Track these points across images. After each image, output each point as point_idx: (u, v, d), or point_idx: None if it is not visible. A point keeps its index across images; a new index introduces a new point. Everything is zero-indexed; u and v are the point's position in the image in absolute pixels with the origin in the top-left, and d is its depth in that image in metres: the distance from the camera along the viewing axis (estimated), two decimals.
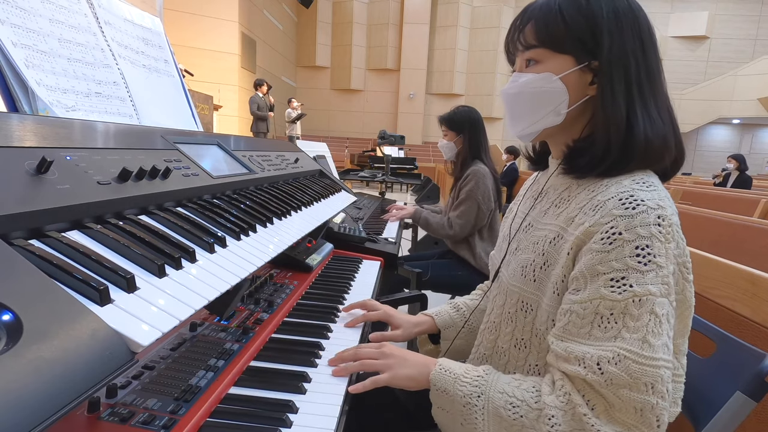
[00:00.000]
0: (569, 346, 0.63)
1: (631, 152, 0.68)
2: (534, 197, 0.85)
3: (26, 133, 0.54)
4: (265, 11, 13.64)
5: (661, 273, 0.60)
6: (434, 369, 0.72)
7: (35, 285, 0.40)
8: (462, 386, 0.69)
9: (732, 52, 16.85)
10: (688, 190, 4.63)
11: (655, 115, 0.69)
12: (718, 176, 8.39)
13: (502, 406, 0.65)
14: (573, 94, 0.72)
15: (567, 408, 0.61)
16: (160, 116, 1.06)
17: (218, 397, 0.62)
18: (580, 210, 0.68)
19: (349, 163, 11.62)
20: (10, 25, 0.73)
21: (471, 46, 16.94)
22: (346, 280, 1.22)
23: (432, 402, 0.72)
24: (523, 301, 0.75)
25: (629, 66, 0.69)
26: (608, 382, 0.59)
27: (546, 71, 0.72)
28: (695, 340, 0.83)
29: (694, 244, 1.37)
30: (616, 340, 0.59)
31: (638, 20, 0.71)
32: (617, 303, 0.60)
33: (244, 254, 0.70)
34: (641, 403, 0.58)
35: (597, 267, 0.62)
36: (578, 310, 0.63)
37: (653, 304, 0.59)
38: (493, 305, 0.85)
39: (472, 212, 2.15)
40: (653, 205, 0.62)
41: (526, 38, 0.74)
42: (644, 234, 0.60)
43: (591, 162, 0.70)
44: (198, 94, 6.99)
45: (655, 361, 0.58)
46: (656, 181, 0.68)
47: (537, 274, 0.73)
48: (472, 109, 2.28)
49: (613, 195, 0.64)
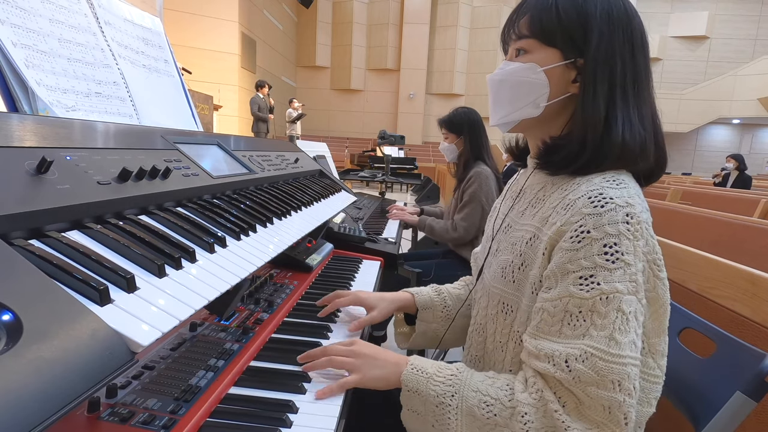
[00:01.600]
0: (540, 343, 0.64)
1: (605, 152, 0.68)
2: (513, 197, 0.86)
3: (26, 133, 0.54)
4: (265, 11, 13.64)
5: (629, 271, 0.61)
6: (406, 369, 0.70)
7: (35, 285, 0.40)
8: (435, 386, 0.67)
9: (732, 52, 16.85)
10: (688, 190, 4.63)
11: (636, 120, 0.70)
12: (718, 176, 8.38)
13: (476, 405, 0.64)
14: (554, 89, 0.73)
15: (539, 405, 0.62)
16: (160, 116, 1.06)
17: (218, 397, 0.62)
18: (553, 209, 0.69)
19: (349, 163, 11.61)
20: (10, 25, 0.73)
21: (471, 46, 16.95)
22: (346, 280, 1.22)
23: (402, 404, 0.69)
24: (503, 303, 0.75)
25: (615, 68, 0.69)
26: (576, 380, 0.59)
27: (532, 62, 0.73)
28: (695, 340, 0.83)
29: (694, 244, 1.37)
30: (584, 338, 0.60)
31: (631, 25, 0.71)
32: (585, 301, 0.61)
33: (244, 254, 0.70)
34: (609, 401, 0.58)
35: (567, 265, 0.63)
36: (549, 308, 0.64)
37: (620, 302, 0.60)
38: (478, 307, 0.85)
39: (477, 214, 2.15)
40: (622, 203, 0.62)
41: (520, 28, 0.75)
42: (612, 232, 0.61)
43: (565, 159, 0.71)
44: (198, 94, 6.99)
45: (622, 359, 0.58)
46: (627, 178, 0.69)
47: (516, 275, 0.73)
48: (471, 110, 2.28)
49: (583, 193, 0.65)
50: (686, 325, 0.86)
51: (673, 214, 2.85)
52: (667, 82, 16.87)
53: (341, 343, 0.78)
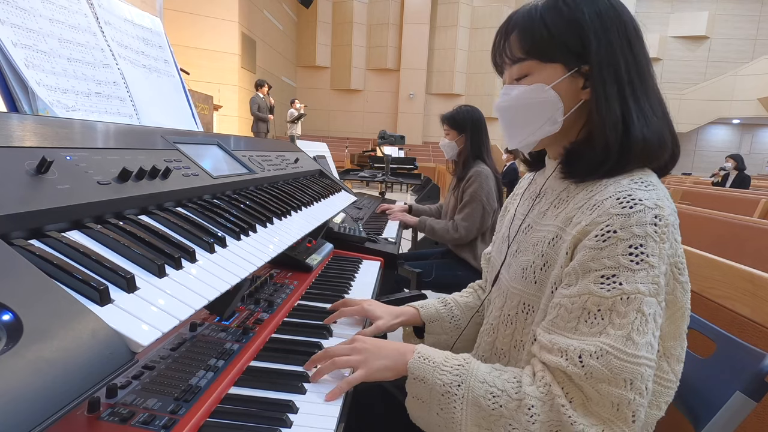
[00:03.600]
0: (554, 338, 0.64)
1: (629, 153, 0.68)
2: (532, 198, 0.85)
3: (26, 133, 0.54)
4: (265, 11, 13.64)
5: (653, 273, 0.60)
6: (412, 357, 0.70)
7: (35, 285, 0.39)
8: (442, 375, 0.67)
9: (732, 52, 16.84)
10: (688, 190, 4.63)
11: (649, 112, 0.70)
12: (717, 175, 8.39)
13: (482, 395, 0.64)
14: (567, 101, 0.72)
15: (546, 399, 0.62)
16: (160, 116, 1.06)
17: (218, 397, 0.62)
18: (578, 210, 0.69)
19: (349, 163, 11.61)
20: (10, 25, 0.73)
21: (471, 46, 16.93)
22: (346, 280, 1.22)
23: (408, 391, 0.70)
24: (524, 303, 0.75)
25: (619, 66, 0.69)
26: (588, 375, 0.59)
27: (537, 82, 0.72)
28: (695, 340, 0.83)
29: (694, 244, 1.37)
30: (601, 336, 0.60)
31: (622, 18, 0.71)
32: (605, 300, 0.61)
33: (244, 254, 0.70)
34: (618, 398, 0.58)
35: (589, 264, 0.63)
36: (567, 304, 0.64)
37: (641, 303, 0.59)
38: (492, 307, 0.85)
39: (477, 214, 2.15)
40: (651, 204, 0.62)
41: (513, 51, 0.74)
42: (639, 233, 0.61)
43: (590, 166, 0.70)
44: (198, 94, 6.98)
45: (637, 359, 0.58)
46: (655, 180, 0.68)
47: (537, 276, 0.73)
48: (474, 109, 2.28)
49: (611, 194, 0.65)
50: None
51: None
52: (667, 82, 16.86)
53: (343, 343, 0.77)
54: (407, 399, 0.70)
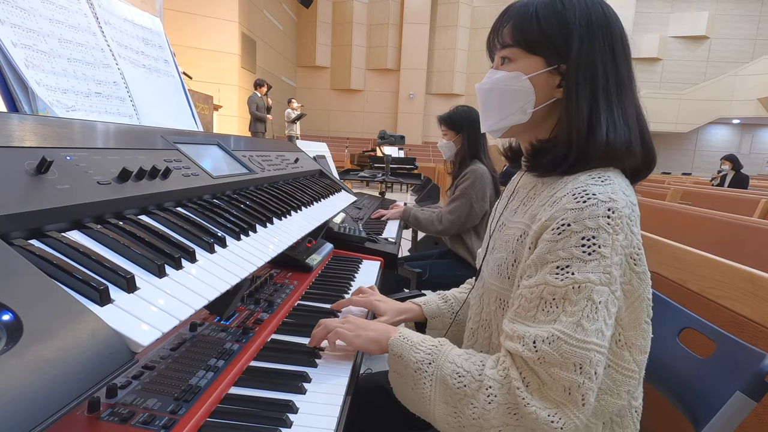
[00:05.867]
0: (516, 326, 0.67)
1: (590, 153, 0.71)
2: (508, 197, 0.89)
3: (26, 133, 0.54)
4: (265, 11, 13.64)
5: (604, 263, 0.63)
6: (394, 335, 0.77)
7: (35, 285, 0.39)
8: (416, 353, 0.73)
9: (732, 52, 16.83)
10: (688, 190, 4.63)
11: (620, 122, 0.72)
12: (716, 178, 8.40)
13: (449, 374, 0.69)
14: (540, 95, 0.75)
15: (504, 382, 0.66)
16: (160, 116, 1.06)
17: (218, 397, 0.62)
18: (541, 207, 0.72)
19: (349, 163, 11.61)
20: (10, 25, 0.73)
21: (471, 46, 16.93)
22: (346, 280, 1.23)
23: (389, 366, 0.76)
24: (500, 299, 0.79)
25: (596, 72, 0.72)
26: (541, 360, 0.62)
27: (517, 70, 0.76)
28: (695, 340, 0.83)
29: (694, 244, 1.37)
30: (555, 323, 0.63)
31: (611, 29, 0.73)
32: (559, 289, 0.64)
33: (244, 254, 0.70)
34: (569, 382, 0.61)
35: (546, 255, 0.66)
36: (527, 294, 0.67)
37: (591, 291, 0.62)
38: (481, 304, 0.87)
39: (464, 210, 2.15)
40: (604, 198, 0.65)
41: (503, 37, 0.78)
42: (592, 225, 0.63)
43: (552, 161, 0.74)
44: (198, 94, 6.98)
45: (586, 344, 0.61)
46: (614, 175, 0.70)
47: (510, 272, 0.76)
48: (472, 109, 2.28)
49: (568, 191, 0.67)
50: (686, 325, 0.86)
51: (673, 214, 2.85)
52: (667, 82, 16.87)
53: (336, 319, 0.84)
54: (389, 373, 0.77)
